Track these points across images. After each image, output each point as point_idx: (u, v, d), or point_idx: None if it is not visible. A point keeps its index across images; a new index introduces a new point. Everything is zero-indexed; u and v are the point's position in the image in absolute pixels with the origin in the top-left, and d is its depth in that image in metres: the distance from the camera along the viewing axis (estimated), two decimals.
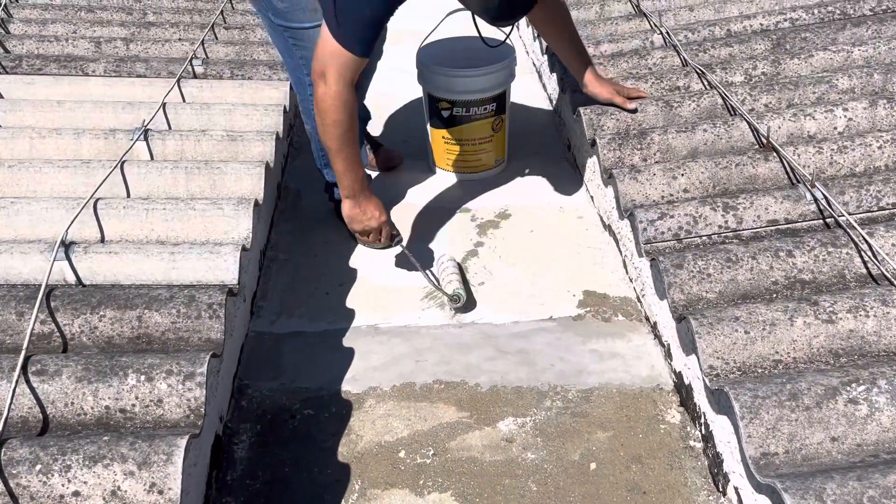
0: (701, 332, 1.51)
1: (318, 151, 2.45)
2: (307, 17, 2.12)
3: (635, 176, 2.04)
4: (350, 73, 1.94)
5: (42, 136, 2.21)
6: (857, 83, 2.35)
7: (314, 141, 2.41)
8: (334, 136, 2.00)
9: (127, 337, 1.54)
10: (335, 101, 1.94)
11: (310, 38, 2.13)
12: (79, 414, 1.36)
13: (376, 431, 1.84)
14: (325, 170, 2.46)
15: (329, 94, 1.94)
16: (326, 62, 1.92)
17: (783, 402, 1.31)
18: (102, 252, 1.73)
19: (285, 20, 2.16)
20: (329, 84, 1.93)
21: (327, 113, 1.96)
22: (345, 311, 2.23)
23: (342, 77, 1.92)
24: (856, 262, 1.67)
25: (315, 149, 2.45)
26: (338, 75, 1.92)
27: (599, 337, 2.10)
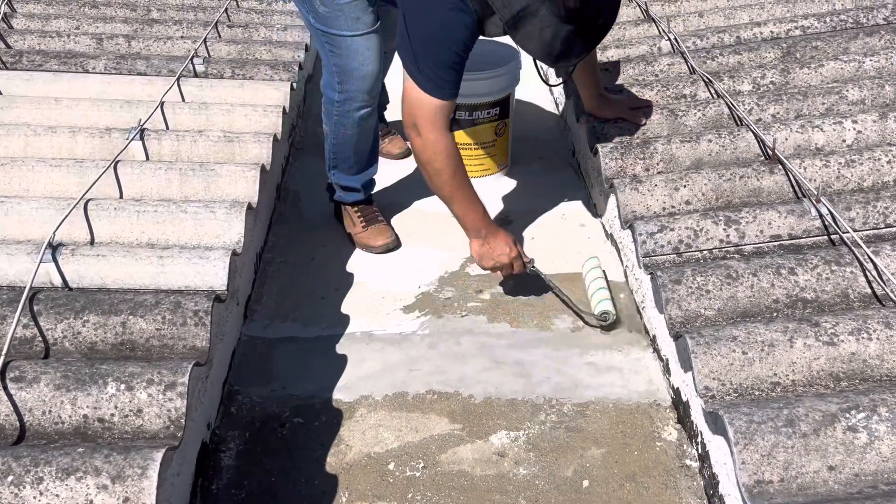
0: (697, 352, 1.47)
1: (329, 152, 2.40)
2: (347, 26, 2.08)
3: (636, 187, 1.99)
4: (441, 119, 1.90)
5: (37, 134, 2.19)
6: (868, 94, 2.30)
7: (328, 142, 2.37)
8: (442, 183, 1.98)
9: (110, 343, 1.51)
10: (433, 150, 1.92)
11: (346, 46, 2.11)
12: (56, 423, 1.33)
13: (366, 442, 1.81)
14: (331, 171, 2.43)
15: (427, 146, 1.91)
16: (415, 113, 1.89)
17: (779, 427, 1.27)
18: (90, 255, 1.70)
19: (325, 25, 2.11)
20: (424, 135, 1.90)
21: (430, 164, 1.94)
22: (339, 317, 2.19)
23: (434, 125, 1.89)
24: (860, 282, 1.62)
25: (327, 150, 2.40)
26: (430, 124, 1.89)
27: (598, 349, 2.06)
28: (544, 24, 1.65)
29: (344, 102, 2.21)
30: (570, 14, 1.63)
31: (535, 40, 1.69)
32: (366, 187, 2.45)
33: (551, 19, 1.64)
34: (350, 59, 2.13)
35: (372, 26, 2.11)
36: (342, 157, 2.35)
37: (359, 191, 2.44)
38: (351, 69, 2.14)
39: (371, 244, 2.42)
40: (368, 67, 2.14)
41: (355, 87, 2.17)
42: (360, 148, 2.34)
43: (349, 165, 2.38)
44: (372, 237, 2.43)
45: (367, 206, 2.48)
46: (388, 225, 2.49)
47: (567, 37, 1.67)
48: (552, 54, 1.72)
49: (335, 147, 2.34)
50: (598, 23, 1.72)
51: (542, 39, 1.68)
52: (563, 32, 1.66)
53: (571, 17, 1.64)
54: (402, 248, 2.47)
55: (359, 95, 2.18)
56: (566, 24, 1.64)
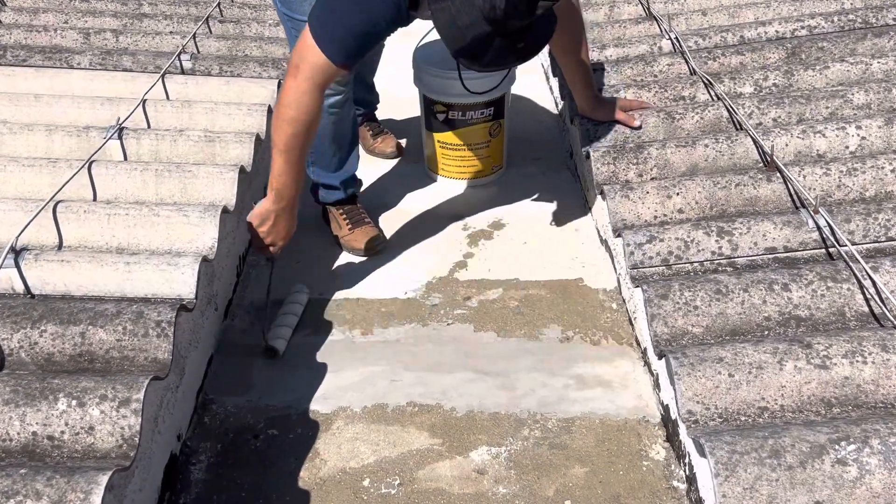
0: (681, 374, 1.39)
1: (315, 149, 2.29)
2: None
3: (627, 194, 1.91)
4: (323, 78, 1.82)
5: (13, 132, 2.13)
6: (874, 98, 2.21)
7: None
8: (285, 133, 1.86)
9: (68, 354, 1.45)
10: (297, 100, 1.82)
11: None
12: (4, 440, 1.27)
13: (342, 456, 1.75)
14: (310, 168, 2.34)
15: (294, 90, 1.82)
16: (303, 58, 1.80)
17: (763, 459, 1.19)
18: (54, 260, 1.64)
19: (289, 9, 2.12)
20: (299, 82, 1.81)
21: (286, 108, 1.84)
22: (322, 323, 2.13)
23: (313, 79, 1.80)
24: (857, 300, 1.54)
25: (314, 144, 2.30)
26: (310, 77, 1.80)
27: (586, 361, 1.99)
28: (464, 10, 1.54)
29: None
30: (495, 14, 1.51)
31: (448, 20, 1.58)
32: (346, 185, 2.39)
33: (474, 9, 1.52)
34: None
35: None
36: (318, 151, 2.29)
37: (338, 189, 2.38)
38: None
39: (356, 246, 2.36)
40: None
41: None
42: (337, 139, 2.28)
43: (328, 161, 2.32)
44: (357, 239, 2.36)
45: (352, 206, 2.42)
46: (375, 226, 2.42)
47: (482, 36, 1.56)
48: (457, 42, 1.60)
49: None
50: (516, 44, 1.60)
51: (455, 23, 1.56)
52: (480, 30, 1.55)
53: (493, 21, 1.52)
54: (390, 252, 2.41)
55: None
56: (485, 22, 1.53)
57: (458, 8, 1.54)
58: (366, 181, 2.67)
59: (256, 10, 3.35)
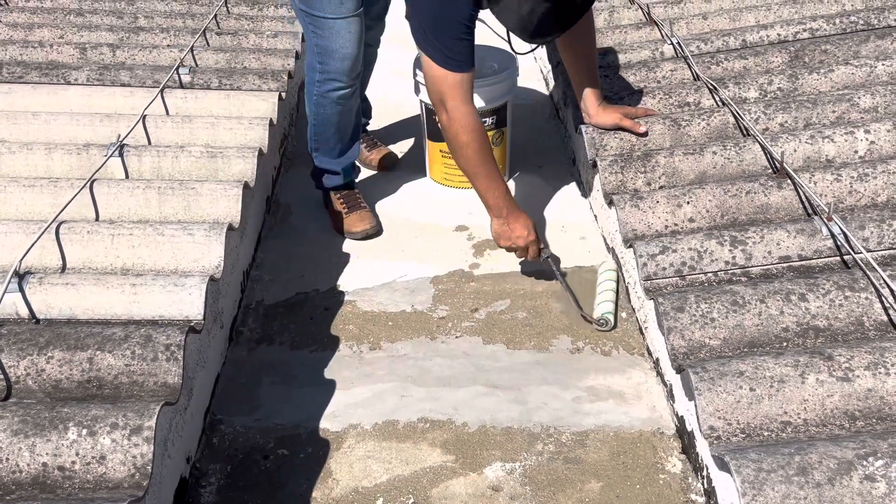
0: (701, 389, 1.37)
1: (311, 134, 2.46)
2: (331, 9, 2.16)
3: (637, 203, 1.89)
4: (463, 91, 1.97)
5: (12, 151, 2.10)
6: (881, 102, 2.19)
7: (309, 123, 2.44)
8: (468, 157, 2.03)
9: (76, 381, 1.42)
10: (459, 123, 1.98)
11: (328, 28, 2.19)
12: (14, 471, 1.25)
13: (354, 475, 1.72)
14: (313, 154, 2.48)
15: (453, 119, 1.98)
16: (438, 89, 1.97)
17: (791, 477, 1.17)
18: (59, 283, 1.61)
19: (310, 7, 2.20)
20: (449, 108, 1.98)
21: (456, 137, 2.00)
22: (329, 339, 2.11)
23: (457, 97, 1.96)
24: (875, 309, 1.52)
25: (309, 132, 2.46)
26: (453, 97, 1.96)
27: (598, 373, 1.96)
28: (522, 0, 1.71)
29: (324, 83, 2.29)
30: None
31: (513, 14, 1.76)
32: (346, 171, 2.51)
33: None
34: (331, 41, 2.21)
35: (355, 10, 2.20)
36: (323, 138, 2.42)
37: (339, 174, 2.50)
38: (331, 50, 2.23)
39: (351, 229, 2.47)
40: (348, 49, 2.23)
41: (335, 68, 2.25)
42: (341, 129, 2.41)
43: (331, 147, 2.44)
44: (353, 223, 2.47)
45: (350, 192, 2.54)
46: (370, 211, 2.52)
47: (544, 13, 1.73)
48: (528, 29, 1.78)
49: (316, 128, 2.41)
50: (576, 2, 1.76)
51: (519, 14, 1.75)
52: (541, 9, 1.72)
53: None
54: (396, 265, 2.38)
55: (338, 76, 2.27)
56: (545, 1, 1.70)
57: (516, 2, 1.72)
58: (368, 192, 2.65)
59: (254, 21, 3.32)
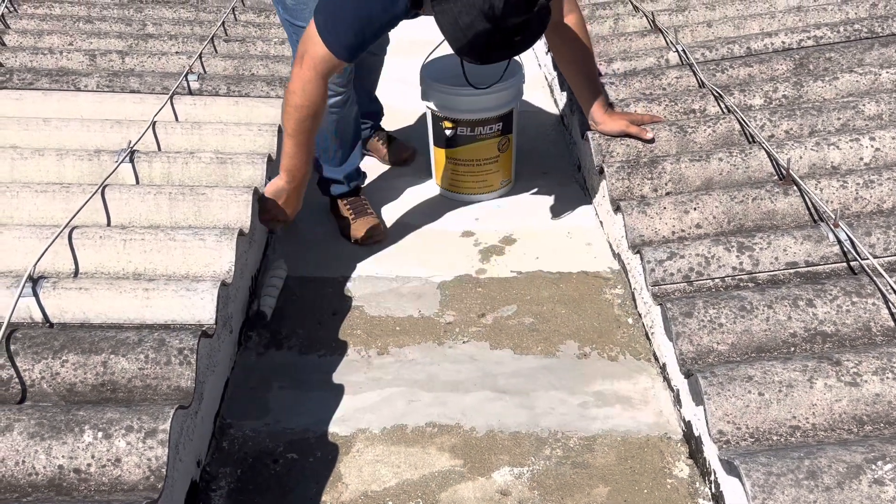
0: (710, 393, 1.38)
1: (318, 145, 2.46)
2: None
3: (644, 209, 1.90)
4: (326, 68, 1.95)
5: (24, 157, 2.12)
6: (886, 109, 2.21)
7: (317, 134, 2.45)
8: (293, 118, 2.03)
9: (90, 384, 1.44)
10: (303, 89, 1.97)
11: None
12: (30, 474, 1.26)
13: (363, 480, 1.73)
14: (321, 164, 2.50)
15: (300, 78, 1.97)
16: (308, 50, 1.94)
17: (800, 480, 1.18)
18: (72, 288, 1.63)
19: (292, 17, 2.22)
20: (303, 69, 1.95)
21: (293, 94, 1.99)
22: (337, 344, 2.12)
23: (317, 69, 1.94)
24: (883, 314, 1.53)
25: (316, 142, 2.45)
26: (314, 67, 1.94)
27: (605, 378, 1.97)
28: (465, 10, 1.68)
29: None
30: (494, 12, 1.64)
31: (450, 21, 1.72)
32: (349, 178, 2.53)
33: (474, 9, 1.66)
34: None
35: None
36: (323, 146, 2.43)
37: (342, 182, 2.52)
38: None
39: (358, 235, 2.49)
40: None
41: None
42: (340, 137, 2.43)
43: (331, 156, 2.47)
44: (359, 229, 2.49)
45: (355, 198, 2.56)
46: (376, 217, 2.54)
47: (481, 33, 1.69)
48: (459, 42, 1.74)
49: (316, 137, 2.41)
50: (513, 37, 1.73)
51: (457, 23, 1.71)
52: (480, 27, 1.68)
53: (492, 17, 1.65)
54: (403, 270, 2.40)
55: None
56: (485, 20, 1.66)
57: (458, 9, 1.68)
58: (374, 197, 2.67)
59: (261, 28, 3.34)
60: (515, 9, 1.64)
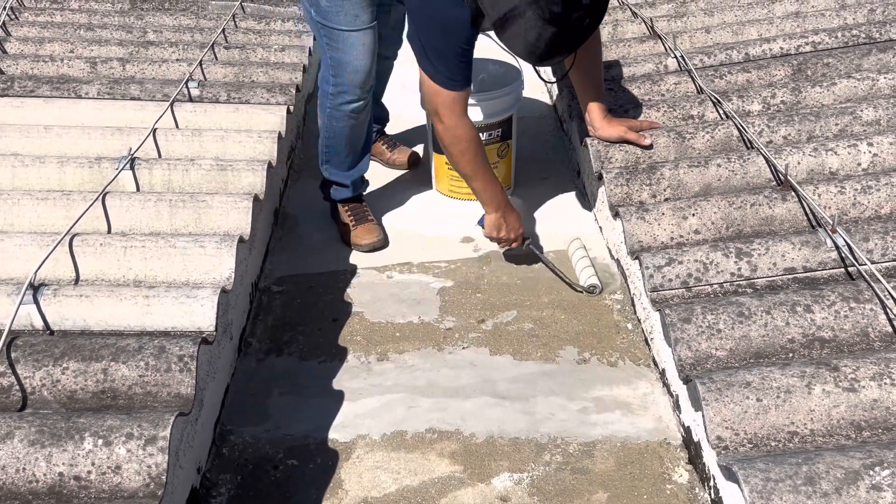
0: (709, 399, 1.38)
1: (322, 147, 2.51)
2: (346, 21, 2.22)
3: (643, 215, 1.91)
4: (459, 106, 2.08)
5: (25, 165, 2.13)
6: (883, 115, 2.22)
7: (321, 136, 2.49)
8: (465, 164, 2.17)
9: (91, 391, 1.44)
10: (454, 135, 2.11)
11: (343, 40, 2.25)
12: (30, 481, 1.26)
13: (363, 486, 1.73)
14: (323, 166, 2.53)
15: (448, 131, 2.11)
16: (435, 102, 2.07)
17: (798, 486, 1.18)
18: (73, 295, 1.63)
19: (325, 19, 2.24)
20: (445, 122, 2.09)
21: (452, 147, 2.14)
22: (337, 350, 2.12)
23: (453, 112, 2.07)
24: (880, 320, 1.54)
25: (321, 144, 2.51)
26: (449, 112, 2.07)
27: (604, 384, 1.98)
28: (529, 26, 1.73)
29: (337, 95, 2.34)
30: (554, 17, 1.71)
31: (521, 41, 1.78)
32: (355, 184, 2.55)
33: (536, 21, 1.72)
34: (345, 53, 2.26)
35: (369, 23, 2.25)
36: (334, 150, 2.47)
37: (348, 187, 2.54)
38: (345, 62, 2.28)
39: (358, 242, 2.51)
40: (361, 62, 2.28)
41: (348, 80, 2.31)
42: (352, 142, 2.46)
43: (341, 160, 2.49)
44: (360, 235, 2.51)
45: (357, 204, 2.57)
46: (377, 224, 2.56)
47: (551, 38, 1.75)
48: (536, 54, 1.81)
49: (328, 140, 2.46)
50: (583, 24, 1.78)
51: (526, 40, 1.77)
52: (548, 34, 1.74)
53: (555, 20, 1.71)
54: (403, 276, 2.40)
55: (351, 88, 2.32)
56: (550, 26, 1.72)
57: (523, 28, 1.75)
58: (375, 203, 2.68)
59: (261, 35, 3.36)
60: (572, 4, 1.71)
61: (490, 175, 2.25)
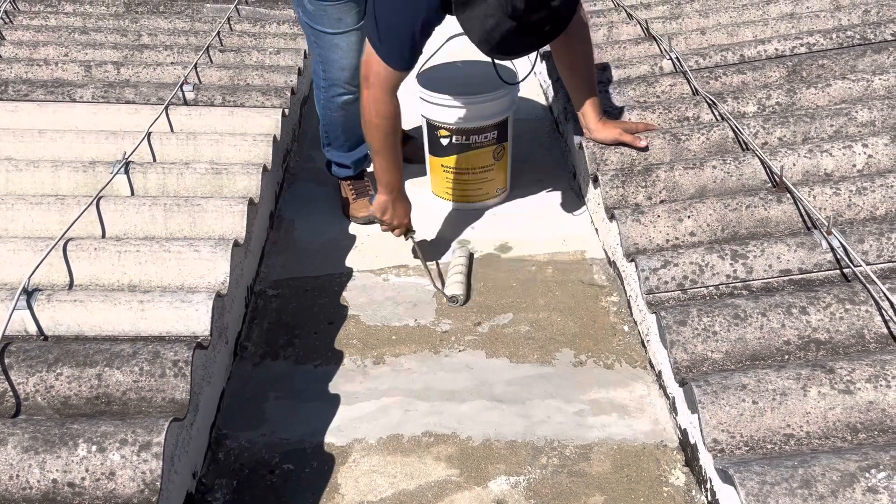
0: (705, 402, 1.38)
1: (322, 132, 2.61)
2: (330, 24, 2.30)
3: (638, 218, 1.91)
4: (391, 84, 2.08)
5: (19, 169, 2.12)
6: (878, 116, 2.22)
7: (321, 123, 2.60)
8: (376, 138, 2.17)
9: (85, 397, 1.44)
10: (376, 108, 2.11)
11: (328, 41, 2.34)
12: (24, 488, 1.26)
13: (359, 490, 1.73)
14: (325, 149, 2.65)
15: (373, 101, 2.10)
16: (370, 71, 2.07)
17: (794, 489, 1.18)
18: (67, 300, 1.63)
19: (311, 21, 2.34)
20: (373, 92, 2.09)
21: (371, 117, 2.13)
22: (333, 353, 2.12)
23: (384, 87, 2.07)
24: (876, 321, 1.54)
25: (321, 130, 2.61)
26: (380, 86, 2.07)
27: (601, 386, 1.98)
28: (489, 13, 1.73)
29: (328, 88, 2.46)
30: (515, 13, 1.71)
31: (478, 26, 1.78)
32: (356, 164, 2.66)
33: (497, 11, 1.72)
34: (331, 53, 2.36)
35: (353, 26, 2.32)
36: (333, 136, 2.59)
37: (349, 167, 2.66)
38: (332, 61, 2.38)
39: (355, 214, 2.65)
40: (346, 61, 2.37)
41: (335, 76, 2.41)
42: (348, 129, 2.54)
43: (341, 143, 2.60)
44: (358, 208, 2.65)
45: (358, 180, 2.70)
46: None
47: (508, 32, 1.75)
48: (489, 43, 1.81)
49: (326, 127, 2.58)
50: (543, 29, 1.79)
51: (483, 27, 1.77)
52: (506, 26, 1.74)
53: (516, 16, 1.71)
54: (398, 279, 2.40)
55: (339, 83, 2.42)
56: (510, 20, 1.72)
57: (483, 13, 1.75)
58: None
59: (257, 38, 3.35)
60: (536, 5, 1.71)
61: (394, 158, 2.23)
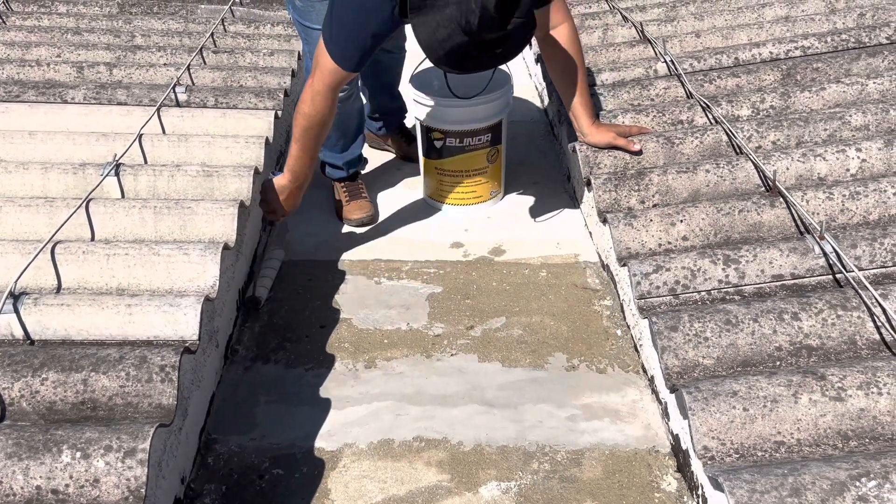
0: (695, 409, 1.37)
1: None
2: (318, 21, 2.24)
3: (631, 222, 1.90)
4: (335, 82, 2.08)
5: (8, 171, 2.11)
6: (872, 120, 2.21)
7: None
8: (300, 125, 2.17)
9: (70, 402, 1.42)
10: (312, 100, 2.11)
11: (316, 37, 2.27)
12: (7, 495, 1.24)
13: (349, 495, 1.72)
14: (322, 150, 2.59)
15: (311, 89, 2.11)
16: (318, 63, 2.08)
17: (784, 498, 1.17)
18: (54, 304, 1.61)
19: (300, 17, 2.37)
20: (314, 81, 2.09)
21: (303, 103, 2.13)
22: (324, 357, 2.11)
23: (326, 83, 2.08)
24: (868, 328, 1.53)
25: None
26: (323, 81, 2.07)
27: (593, 391, 1.97)
28: (443, 23, 1.69)
29: None
30: (468, 28, 1.66)
31: (429, 32, 1.73)
32: (349, 165, 2.66)
33: (451, 22, 1.67)
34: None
35: None
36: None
37: (342, 168, 2.66)
38: None
39: (349, 217, 2.64)
40: None
41: None
42: (341, 129, 2.53)
43: (333, 143, 2.58)
44: (350, 211, 2.64)
45: (352, 182, 2.70)
46: (369, 200, 2.68)
47: (457, 46, 1.70)
48: (436, 53, 1.76)
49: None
50: (494, 51, 1.74)
51: (434, 35, 1.72)
52: (457, 40, 1.69)
53: (469, 32, 1.67)
54: (391, 282, 2.39)
55: None
56: (463, 34, 1.68)
57: (437, 22, 1.70)
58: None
59: (250, 39, 3.34)
60: (491, 25, 1.65)
61: (309, 150, 2.24)
